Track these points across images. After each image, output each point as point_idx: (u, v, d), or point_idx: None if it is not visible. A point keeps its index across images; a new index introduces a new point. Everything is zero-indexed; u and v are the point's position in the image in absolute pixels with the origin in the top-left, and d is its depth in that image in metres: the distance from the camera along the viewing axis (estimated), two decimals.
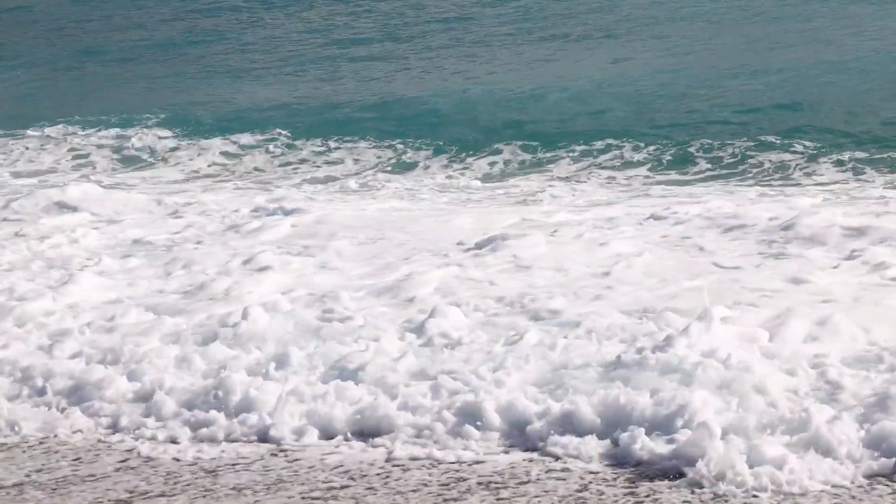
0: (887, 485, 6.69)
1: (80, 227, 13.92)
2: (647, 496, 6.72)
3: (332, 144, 19.92)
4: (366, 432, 7.79)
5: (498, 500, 6.82)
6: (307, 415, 7.98)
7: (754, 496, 6.61)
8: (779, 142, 17.39)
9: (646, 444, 7.16)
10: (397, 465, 7.38)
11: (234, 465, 7.57)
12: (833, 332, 8.53)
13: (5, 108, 25.07)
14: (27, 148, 21.40)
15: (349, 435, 7.80)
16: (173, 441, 7.97)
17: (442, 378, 8.24)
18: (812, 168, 16.47)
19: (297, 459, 7.57)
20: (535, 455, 7.35)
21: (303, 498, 7.00)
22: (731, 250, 11.19)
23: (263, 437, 7.86)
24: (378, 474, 7.26)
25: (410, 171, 18.20)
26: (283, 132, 20.69)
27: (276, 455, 7.66)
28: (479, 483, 7.04)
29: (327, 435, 7.83)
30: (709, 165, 17.15)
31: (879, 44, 22.66)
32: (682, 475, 6.85)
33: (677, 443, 7.08)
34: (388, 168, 18.55)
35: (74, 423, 8.34)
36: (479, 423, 7.66)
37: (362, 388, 8.25)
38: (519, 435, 7.57)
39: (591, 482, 6.94)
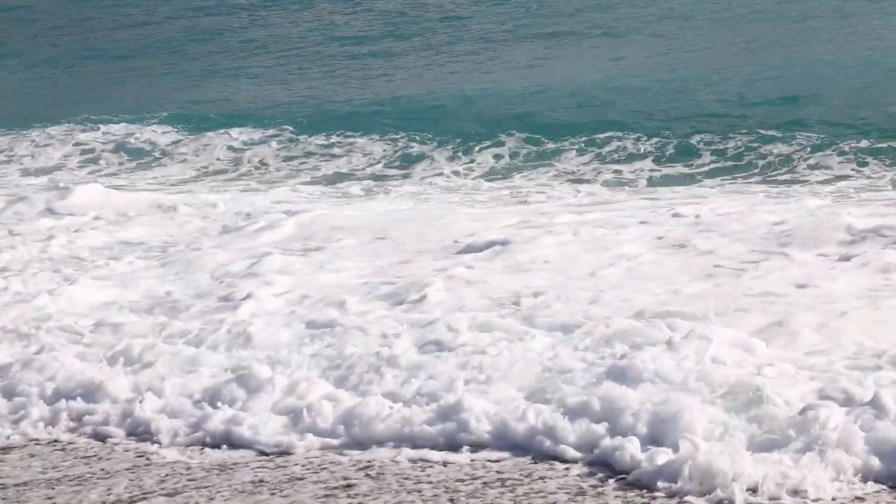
0: (891, 492, 6.66)
1: (83, 227, 13.92)
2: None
3: (337, 141, 19.91)
4: (372, 434, 7.79)
5: (514, 495, 6.86)
6: (310, 417, 8.00)
7: None
8: (784, 138, 17.34)
9: (638, 453, 7.11)
10: (409, 465, 7.41)
11: (244, 465, 7.60)
12: (837, 336, 8.49)
13: (11, 106, 25.08)
14: (34, 144, 21.38)
15: (353, 437, 7.81)
16: (175, 441, 7.99)
17: (442, 382, 8.25)
18: (818, 164, 16.35)
19: (304, 459, 7.61)
20: (539, 458, 7.36)
21: (316, 497, 7.03)
22: (736, 253, 11.08)
23: (266, 439, 7.86)
24: (394, 473, 7.29)
25: (414, 171, 18.17)
26: (288, 130, 20.70)
27: (281, 456, 7.69)
28: (497, 480, 7.08)
29: (329, 437, 7.85)
30: (714, 159, 17.13)
31: (879, 43, 22.69)
32: (677, 484, 6.80)
33: (674, 450, 7.02)
34: (393, 167, 18.52)
35: (77, 424, 8.37)
36: (477, 426, 7.66)
37: (365, 391, 8.26)
38: (517, 439, 7.55)
39: (596, 484, 6.96)
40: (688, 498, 6.68)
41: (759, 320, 8.95)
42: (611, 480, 6.99)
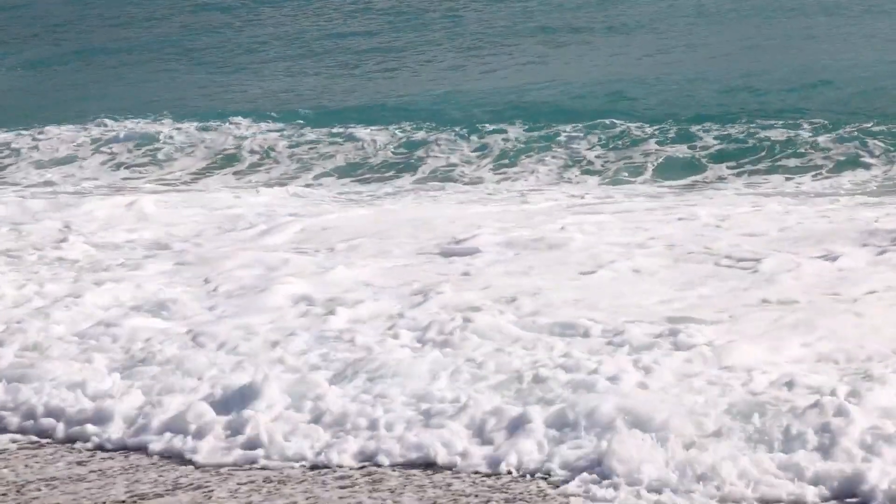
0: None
1: (88, 231, 13.93)
2: None
3: (343, 133, 19.91)
4: (365, 442, 7.79)
5: (538, 491, 6.92)
6: (314, 420, 8.05)
7: None
8: (792, 134, 17.31)
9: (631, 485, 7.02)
10: (426, 467, 7.47)
11: (257, 465, 7.66)
12: (843, 340, 8.48)
13: (17, 104, 25.10)
14: (41, 140, 21.40)
15: (353, 441, 7.83)
16: (177, 442, 8.01)
17: (441, 386, 8.29)
18: (827, 161, 16.29)
19: (313, 458, 7.67)
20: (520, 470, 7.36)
21: (339, 496, 7.10)
22: (742, 254, 11.03)
23: (272, 439, 7.90)
24: (410, 473, 7.37)
25: (419, 170, 18.15)
26: (295, 125, 20.73)
27: (295, 454, 7.73)
28: (522, 476, 7.15)
29: (332, 438, 7.87)
30: (718, 154, 17.11)
31: (878, 40, 22.73)
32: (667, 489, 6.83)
33: (667, 458, 7.03)
34: (398, 166, 18.51)
35: (78, 425, 8.40)
36: (472, 434, 7.66)
37: (369, 394, 8.29)
38: (494, 450, 7.52)
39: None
40: None
41: (763, 323, 8.98)
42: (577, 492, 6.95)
